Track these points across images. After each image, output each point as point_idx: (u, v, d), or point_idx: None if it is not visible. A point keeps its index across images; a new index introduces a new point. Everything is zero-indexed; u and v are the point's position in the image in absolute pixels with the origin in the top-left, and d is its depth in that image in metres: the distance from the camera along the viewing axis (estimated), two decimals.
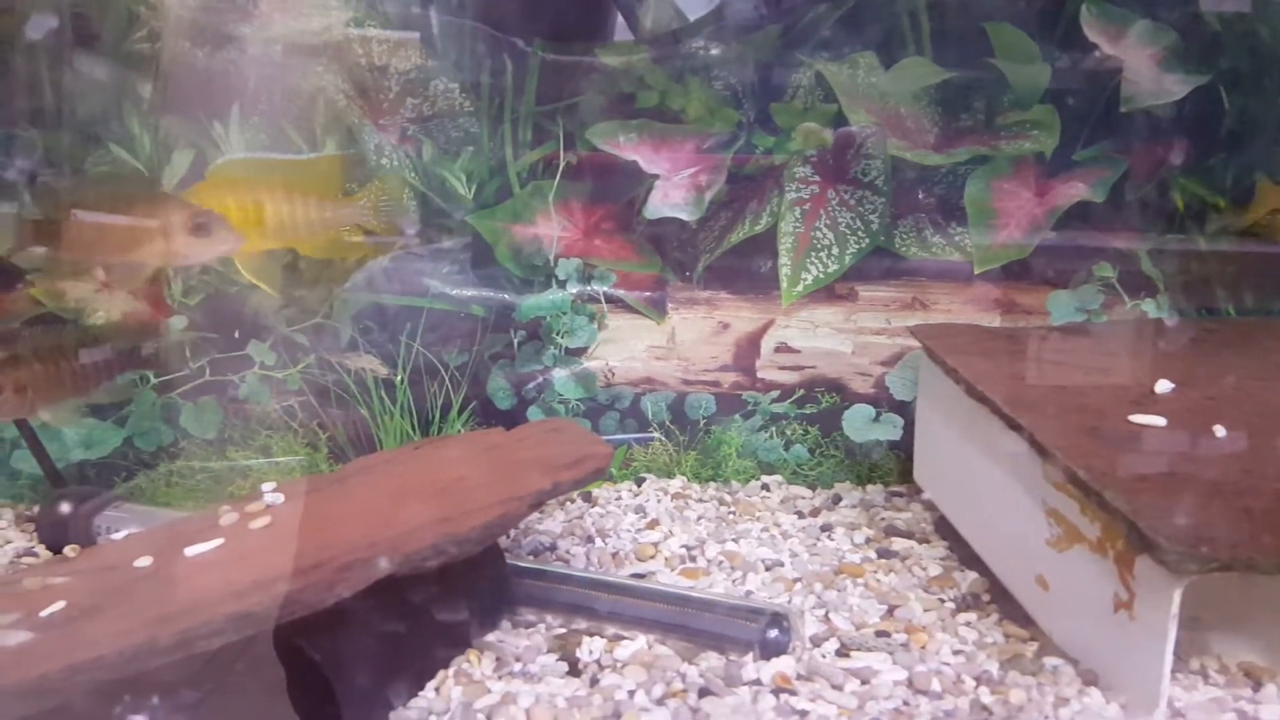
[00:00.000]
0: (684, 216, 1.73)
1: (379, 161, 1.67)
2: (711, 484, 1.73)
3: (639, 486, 1.71)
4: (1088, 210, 1.66)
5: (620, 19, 1.79)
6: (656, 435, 1.77)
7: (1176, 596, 0.86)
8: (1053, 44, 1.67)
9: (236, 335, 1.66)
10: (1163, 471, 0.97)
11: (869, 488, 1.70)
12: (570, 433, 1.24)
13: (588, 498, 1.65)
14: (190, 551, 1.01)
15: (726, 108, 1.77)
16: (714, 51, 1.76)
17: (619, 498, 1.66)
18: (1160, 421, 1.07)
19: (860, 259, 1.71)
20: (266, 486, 1.23)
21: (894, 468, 1.72)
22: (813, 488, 1.72)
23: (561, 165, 1.74)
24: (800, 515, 1.58)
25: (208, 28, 1.59)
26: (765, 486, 1.71)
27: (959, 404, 1.26)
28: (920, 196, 1.77)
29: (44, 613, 0.95)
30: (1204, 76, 1.61)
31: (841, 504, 1.63)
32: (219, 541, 1.03)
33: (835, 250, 1.72)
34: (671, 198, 1.74)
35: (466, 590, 1.07)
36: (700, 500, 1.65)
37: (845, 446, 1.74)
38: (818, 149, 1.73)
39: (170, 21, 1.58)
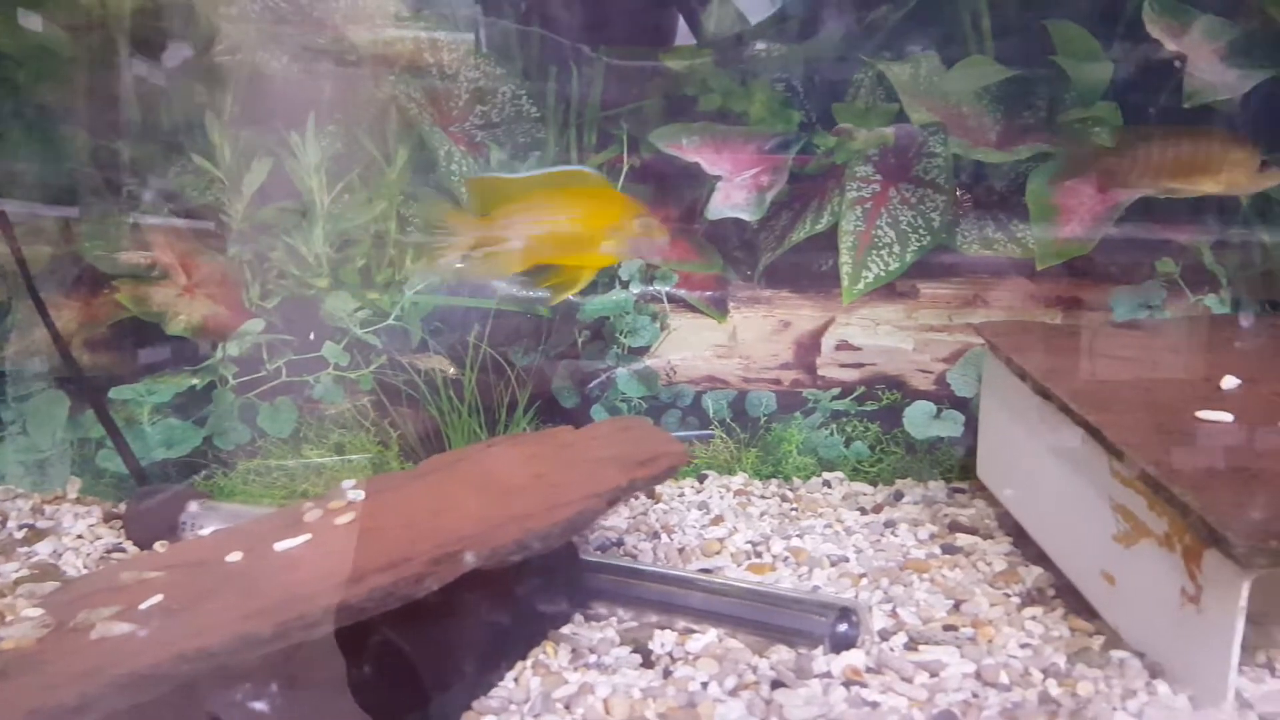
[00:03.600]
0: (745, 217, 1.76)
1: (448, 168, 1.72)
2: (773, 481, 1.75)
3: (701, 483, 1.73)
4: (1150, 205, 1.65)
5: (682, 23, 1.82)
6: (717, 432, 1.79)
7: (1245, 590, 0.87)
8: (1115, 40, 1.66)
9: (312, 337, 1.72)
10: (1231, 467, 0.97)
11: (931, 484, 1.71)
12: (641, 430, 1.27)
13: (651, 494, 1.68)
14: (279, 546, 1.06)
15: (788, 109, 1.79)
16: (775, 54, 1.78)
17: (681, 494, 1.69)
18: (1227, 417, 1.07)
19: (921, 256, 1.72)
20: (347, 484, 1.27)
21: (955, 464, 1.73)
22: (874, 484, 1.73)
23: (625, 168, 1.77)
24: (863, 511, 1.59)
25: (284, 39, 1.65)
26: (826, 483, 1.73)
27: (1024, 400, 1.27)
28: (982, 194, 1.77)
29: (143, 605, 0.99)
30: (1268, 71, 1.60)
31: (904, 500, 1.64)
32: (307, 537, 1.08)
33: (896, 248, 1.73)
34: (733, 198, 1.76)
35: (543, 584, 1.11)
36: (762, 497, 1.67)
37: (906, 443, 1.75)
38: (879, 148, 1.75)
39: (250, 34, 1.65)
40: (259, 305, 1.72)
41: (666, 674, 1.05)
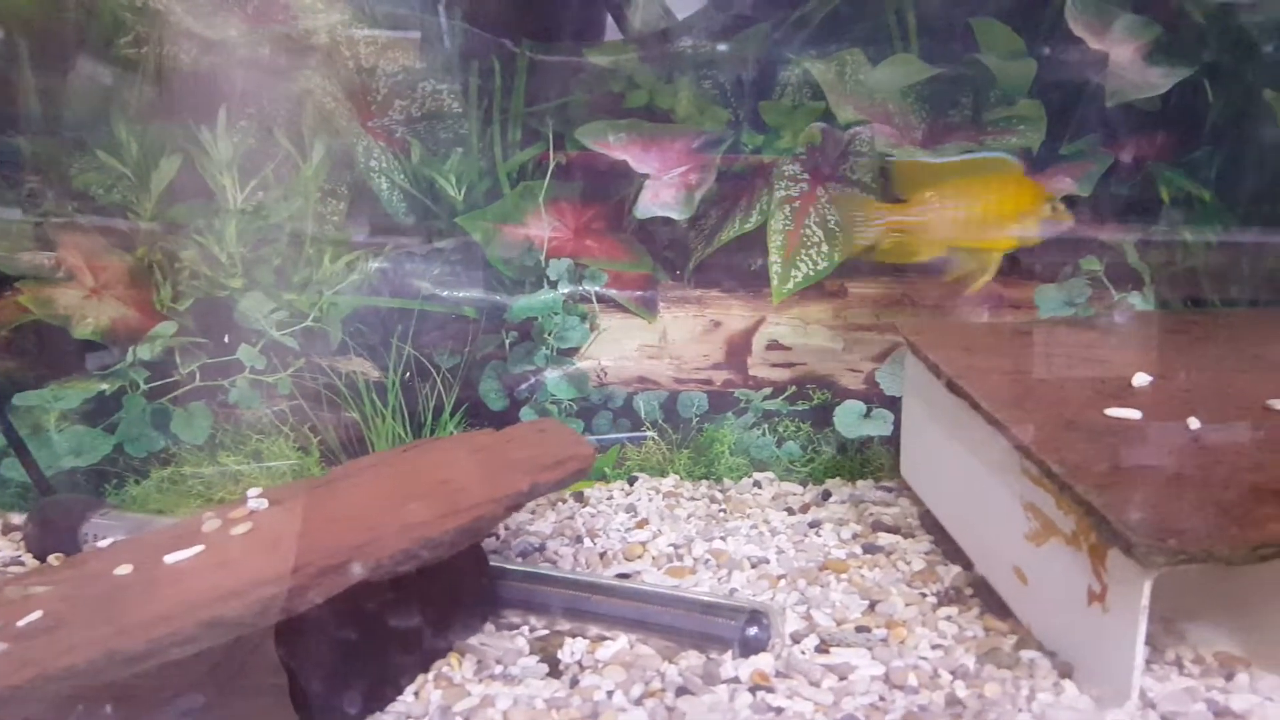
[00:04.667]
0: (674, 215, 1.73)
1: (367, 164, 1.67)
2: (704, 482, 1.74)
3: (631, 486, 1.71)
4: (1074, 204, 1.66)
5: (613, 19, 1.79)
6: (650, 434, 1.77)
7: (1147, 589, 0.87)
8: (1038, 39, 1.67)
9: (226, 340, 1.67)
10: (1135, 465, 0.97)
11: (859, 483, 1.70)
12: (557, 433, 1.24)
13: (579, 498, 1.66)
14: (170, 559, 1.02)
15: (715, 106, 1.77)
16: (702, 50, 1.77)
17: (610, 497, 1.66)
18: (1135, 415, 1.07)
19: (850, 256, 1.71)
20: (252, 492, 1.24)
21: (885, 463, 1.72)
22: (804, 484, 1.72)
23: (551, 165, 1.74)
24: (790, 512, 1.58)
25: (194, 32, 1.60)
26: (757, 484, 1.71)
27: (941, 399, 1.26)
28: None
29: (21, 623, 0.95)
30: (1188, 70, 1.61)
31: (831, 500, 1.63)
32: (199, 548, 1.04)
33: (825, 248, 1.72)
34: (662, 197, 1.74)
35: (448, 593, 1.08)
36: (692, 498, 1.65)
37: (837, 442, 1.74)
38: (806, 147, 1.73)
39: (157, 26, 1.59)
40: (170, 307, 1.66)
41: (574, 683, 1.02)
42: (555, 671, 1.04)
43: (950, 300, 1.72)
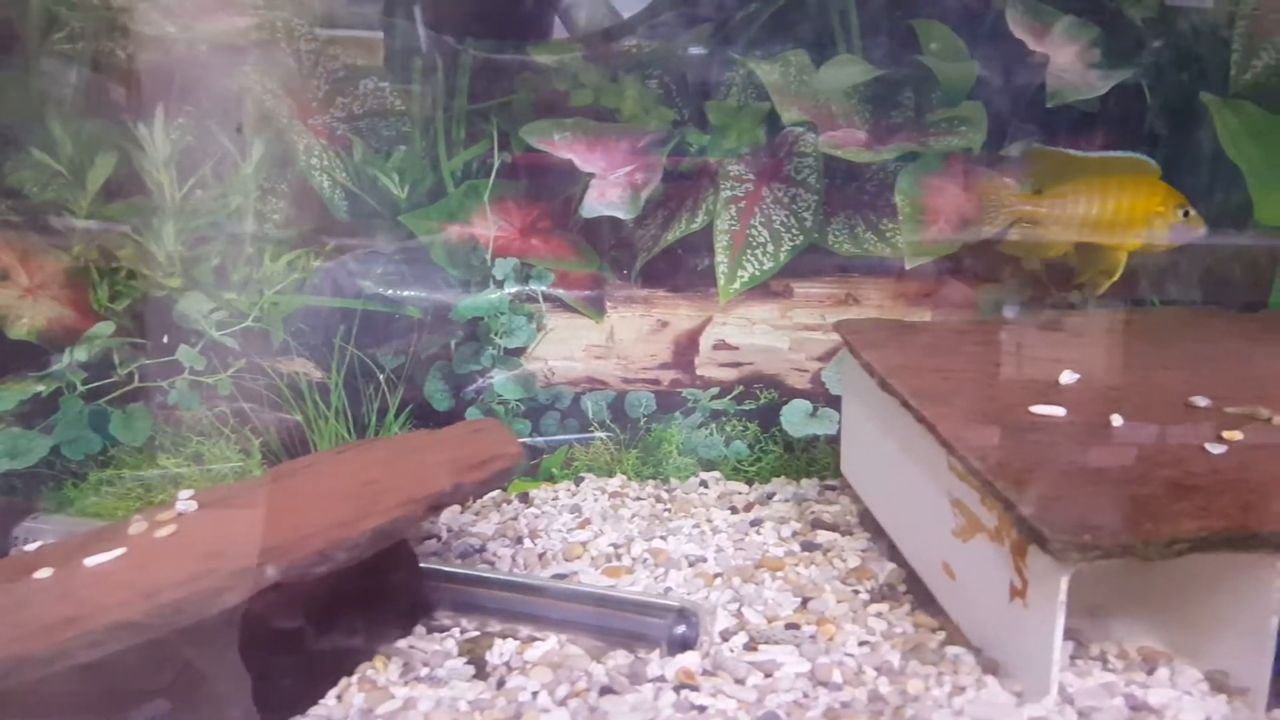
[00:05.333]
0: (621, 215, 1.73)
1: (308, 162, 1.66)
2: (650, 482, 1.73)
3: (577, 486, 1.70)
4: None
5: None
6: (599, 435, 1.77)
7: (1064, 585, 0.87)
8: (980, 41, 1.68)
9: (165, 340, 1.65)
10: (1055, 461, 0.98)
11: (804, 482, 1.70)
12: (491, 433, 1.24)
13: (525, 499, 1.65)
14: (90, 562, 1.00)
15: (661, 106, 1.77)
16: (647, 50, 1.76)
17: (556, 498, 1.65)
18: (1060, 412, 1.08)
19: (795, 256, 1.72)
20: (183, 494, 1.21)
21: (830, 462, 1.73)
22: (751, 483, 1.72)
23: (496, 164, 1.73)
24: (734, 511, 1.58)
25: (130, 28, 1.58)
26: (704, 483, 1.71)
27: (876, 398, 1.26)
28: (853, 193, 1.78)
29: None
30: (1126, 71, 1.63)
31: (775, 498, 1.63)
32: (120, 551, 1.02)
33: (770, 248, 1.72)
34: (608, 196, 1.74)
35: (375, 596, 1.07)
36: (637, 499, 1.65)
37: (784, 442, 1.75)
38: (751, 147, 1.74)
39: (93, 21, 1.57)
40: (108, 307, 1.64)
41: (500, 684, 1.01)
42: (482, 673, 1.03)
43: (894, 301, 1.73)
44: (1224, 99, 1.61)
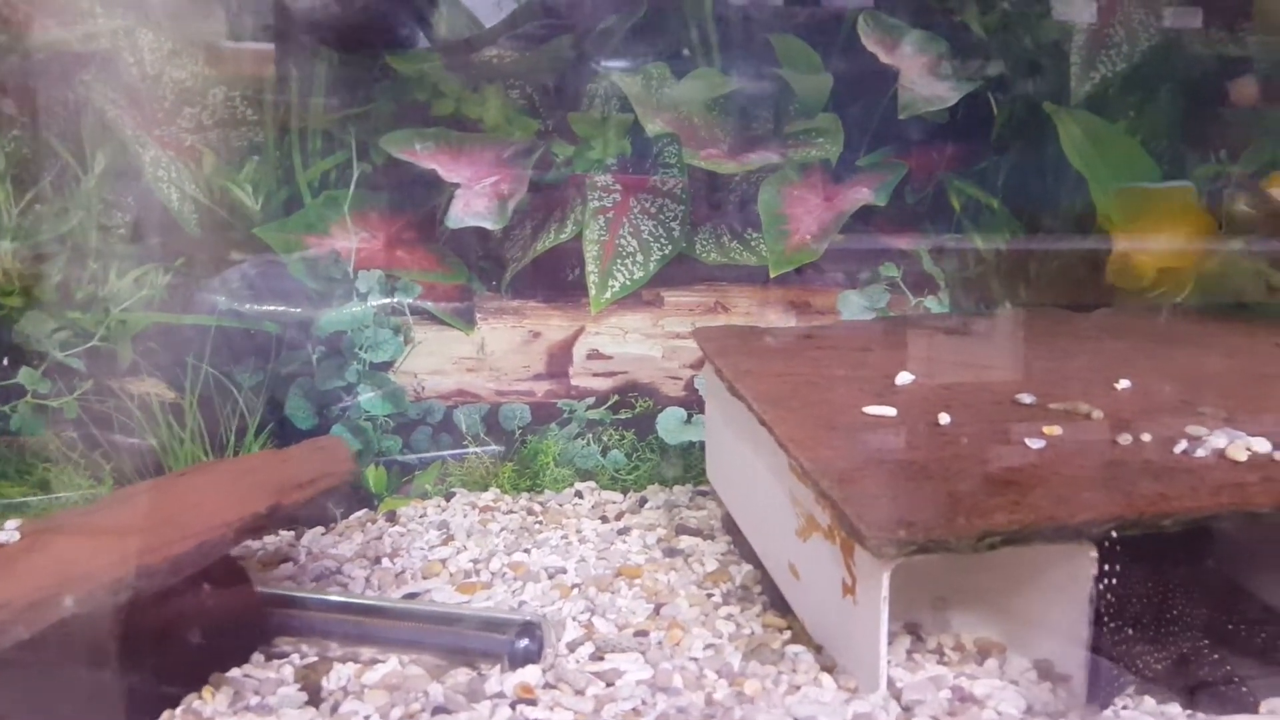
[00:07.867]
0: (488, 225, 1.71)
1: (155, 174, 1.60)
2: (524, 494, 1.72)
3: (448, 502, 1.68)
4: (872, 213, 1.72)
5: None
6: (476, 450, 1.74)
7: (885, 580, 0.89)
8: (834, 54, 1.72)
9: (4, 362, 1.57)
10: (880, 459, 1.00)
11: (676, 489, 1.71)
12: (329, 451, 1.21)
13: (391, 517, 1.62)
14: None
15: (524, 116, 1.76)
16: (509, 60, 1.76)
17: (424, 515, 1.62)
18: (891, 412, 1.11)
19: (664, 265, 1.73)
20: (9, 524, 1.16)
21: (704, 468, 1.74)
22: (626, 492, 1.72)
23: (355, 174, 1.70)
24: (605, 520, 1.57)
25: None
26: (579, 494, 1.70)
27: (728, 403, 1.28)
28: (718, 203, 1.80)
29: None
30: (973, 83, 1.69)
31: (647, 506, 1.63)
32: None
33: (640, 257, 1.73)
34: (474, 206, 1.72)
35: (205, 624, 1.02)
36: (509, 512, 1.63)
37: (660, 449, 1.75)
38: (618, 158, 1.75)
39: None
40: None
41: (334, 710, 0.98)
42: (315, 699, 1.00)
43: (760, 308, 1.76)
44: (1066, 109, 1.68)
